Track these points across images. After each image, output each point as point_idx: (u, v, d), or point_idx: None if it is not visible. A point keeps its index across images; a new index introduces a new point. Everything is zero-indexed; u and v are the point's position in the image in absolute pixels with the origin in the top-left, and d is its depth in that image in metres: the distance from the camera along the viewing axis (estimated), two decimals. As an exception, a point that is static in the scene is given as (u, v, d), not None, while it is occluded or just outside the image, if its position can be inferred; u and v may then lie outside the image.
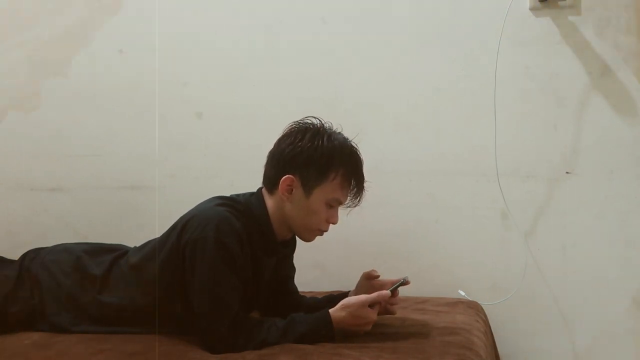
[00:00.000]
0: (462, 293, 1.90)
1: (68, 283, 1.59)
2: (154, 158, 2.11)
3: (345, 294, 1.63)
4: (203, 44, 2.08)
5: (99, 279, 1.57)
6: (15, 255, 1.75)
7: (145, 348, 1.40)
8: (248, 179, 1.59)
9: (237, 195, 1.57)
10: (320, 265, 1.97)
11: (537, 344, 1.90)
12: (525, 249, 1.89)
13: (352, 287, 1.82)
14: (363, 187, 1.53)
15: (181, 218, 1.52)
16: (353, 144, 1.53)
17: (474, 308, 1.79)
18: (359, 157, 1.53)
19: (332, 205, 1.51)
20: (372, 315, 1.43)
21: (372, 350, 1.35)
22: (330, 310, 1.43)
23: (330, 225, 1.55)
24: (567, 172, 1.88)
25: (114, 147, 2.13)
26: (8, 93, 2.19)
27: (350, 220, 1.65)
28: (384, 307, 1.52)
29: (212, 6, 2.07)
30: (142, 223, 2.08)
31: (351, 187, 1.51)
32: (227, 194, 1.58)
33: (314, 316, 1.44)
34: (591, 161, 1.86)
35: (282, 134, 1.53)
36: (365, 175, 1.54)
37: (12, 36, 2.18)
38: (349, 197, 1.52)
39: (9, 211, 2.19)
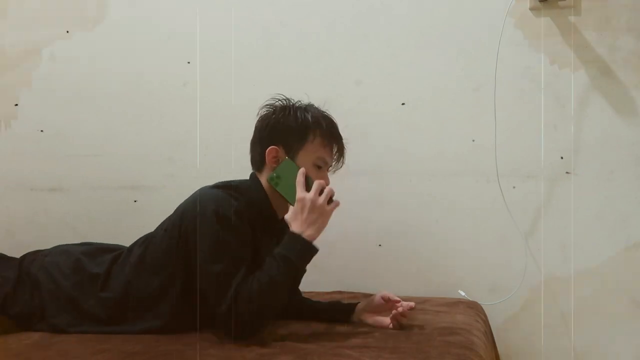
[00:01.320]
0: (462, 293, 1.90)
1: (67, 285, 1.59)
2: (154, 158, 2.11)
3: (354, 306, 1.62)
4: (203, 43, 2.08)
5: (101, 277, 1.58)
6: (15, 255, 1.75)
7: (145, 348, 1.40)
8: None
9: (231, 180, 1.59)
10: (320, 265, 1.96)
11: (537, 344, 1.90)
12: (525, 249, 1.89)
13: (352, 288, 1.83)
14: (343, 145, 1.58)
15: (179, 206, 1.54)
16: (324, 110, 1.59)
17: (474, 308, 1.79)
18: (332, 118, 1.59)
19: (320, 166, 1.54)
20: (323, 200, 1.44)
21: (372, 351, 1.35)
22: (291, 229, 1.44)
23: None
24: (567, 172, 1.88)
25: (114, 147, 2.14)
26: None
27: (350, 220, 1.66)
28: (394, 316, 1.51)
29: (212, 6, 2.07)
30: (142, 223, 2.08)
31: (332, 147, 1.56)
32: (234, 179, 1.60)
33: (285, 244, 1.43)
34: (591, 161, 1.86)
35: (257, 116, 1.58)
36: (342, 135, 1.58)
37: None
38: (334, 158, 1.57)
39: (9, 211, 2.19)
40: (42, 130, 2.17)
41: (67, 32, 2.17)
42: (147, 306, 1.52)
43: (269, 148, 1.52)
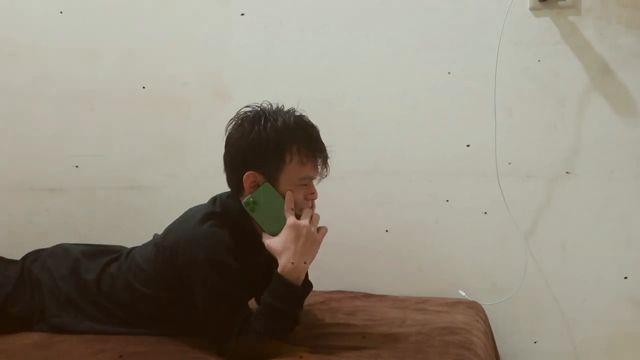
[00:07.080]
0: (462, 293, 1.90)
1: (65, 286, 1.60)
2: (154, 158, 2.11)
3: None
4: (203, 44, 2.08)
5: (93, 282, 1.58)
6: (15, 255, 1.75)
7: (146, 348, 1.40)
8: (248, 179, 1.59)
9: (214, 200, 1.53)
10: (320, 265, 1.97)
11: (537, 344, 1.90)
12: (525, 249, 1.89)
13: (352, 288, 1.82)
14: (326, 155, 1.46)
15: (165, 239, 1.49)
16: (299, 114, 1.46)
17: (474, 308, 1.79)
18: (309, 124, 1.46)
19: (305, 184, 1.46)
20: (314, 229, 1.42)
21: (371, 351, 1.35)
22: (279, 269, 1.39)
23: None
24: (567, 172, 1.88)
25: (114, 147, 2.14)
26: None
27: (350, 220, 1.66)
28: None
29: (212, 6, 2.07)
30: (142, 223, 2.08)
31: (315, 159, 1.45)
32: (217, 195, 1.56)
33: (271, 289, 1.39)
34: (591, 161, 1.86)
35: (226, 135, 1.48)
36: (324, 141, 1.48)
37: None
38: (318, 170, 1.47)
39: (9, 211, 2.19)
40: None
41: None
42: (145, 321, 1.53)
43: (246, 174, 1.42)
